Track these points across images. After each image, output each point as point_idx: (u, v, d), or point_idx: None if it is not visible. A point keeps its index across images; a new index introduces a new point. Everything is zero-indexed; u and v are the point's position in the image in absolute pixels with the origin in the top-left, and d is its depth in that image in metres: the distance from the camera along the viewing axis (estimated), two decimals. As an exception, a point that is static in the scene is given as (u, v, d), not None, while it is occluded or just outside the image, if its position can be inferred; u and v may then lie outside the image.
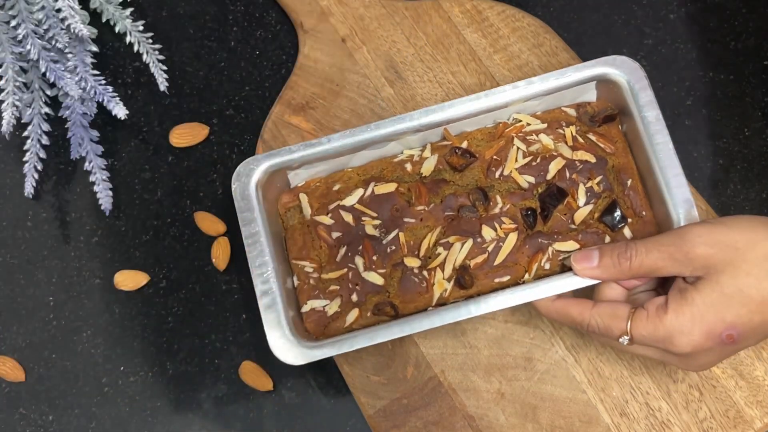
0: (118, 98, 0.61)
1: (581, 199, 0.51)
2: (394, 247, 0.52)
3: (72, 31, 0.59)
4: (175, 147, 0.63)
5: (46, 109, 0.62)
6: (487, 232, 0.51)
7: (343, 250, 0.52)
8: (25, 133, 0.61)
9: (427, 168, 0.53)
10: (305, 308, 0.52)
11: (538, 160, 0.52)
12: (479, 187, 0.52)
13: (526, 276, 0.50)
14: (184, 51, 0.65)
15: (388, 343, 0.55)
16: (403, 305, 0.51)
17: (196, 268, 0.61)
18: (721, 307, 0.43)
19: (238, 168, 0.53)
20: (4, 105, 0.59)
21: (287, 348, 0.50)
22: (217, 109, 0.64)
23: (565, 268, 0.50)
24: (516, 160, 0.52)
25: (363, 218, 0.52)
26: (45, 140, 0.61)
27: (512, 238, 0.51)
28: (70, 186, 0.63)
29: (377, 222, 0.52)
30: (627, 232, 0.51)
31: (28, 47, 0.59)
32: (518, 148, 0.52)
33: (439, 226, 0.52)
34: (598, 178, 0.51)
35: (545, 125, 0.53)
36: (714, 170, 0.59)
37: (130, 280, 0.61)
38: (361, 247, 0.52)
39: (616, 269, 0.46)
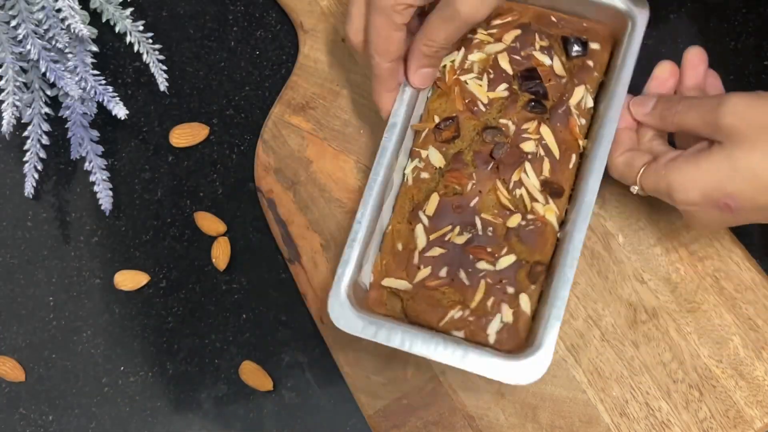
0: (118, 98, 0.61)
1: (545, 60, 0.53)
2: (491, 228, 0.50)
3: (72, 31, 0.59)
4: (175, 147, 0.63)
5: (46, 109, 0.62)
6: (527, 146, 0.51)
7: (462, 274, 0.49)
8: (25, 133, 0.61)
9: (437, 160, 0.52)
10: (492, 338, 0.49)
11: (492, 72, 0.52)
12: (483, 129, 0.52)
13: (581, 143, 0.51)
14: (184, 51, 0.65)
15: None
16: (543, 254, 0.50)
17: (196, 268, 0.61)
18: (725, 177, 0.44)
19: (331, 315, 0.49)
20: (4, 105, 0.59)
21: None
22: (217, 109, 0.64)
23: (597, 115, 0.52)
24: (480, 86, 0.52)
25: (445, 239, 0.50)
26: (45, 140, 0.61)
27: (545, 129, 0.51)
28: (70, 186, 0.63)
29: (457, 229, 0.50)
30: (594, 45, 0.53)
31: (28, 47, 0.59)
32: (471, 80, 0.53)
33: (496, 181, 0.51)
34: (536, 36, 0.53)
35: (462, 49, 0.53)
36: (714, 170, 0.59)
37: (130, 280, 0.61)
38: (471, 256, 0.50)
39: (662, 120, 0.49)
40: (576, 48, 0.53)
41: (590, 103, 0.52)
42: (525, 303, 0.49)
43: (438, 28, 0.48)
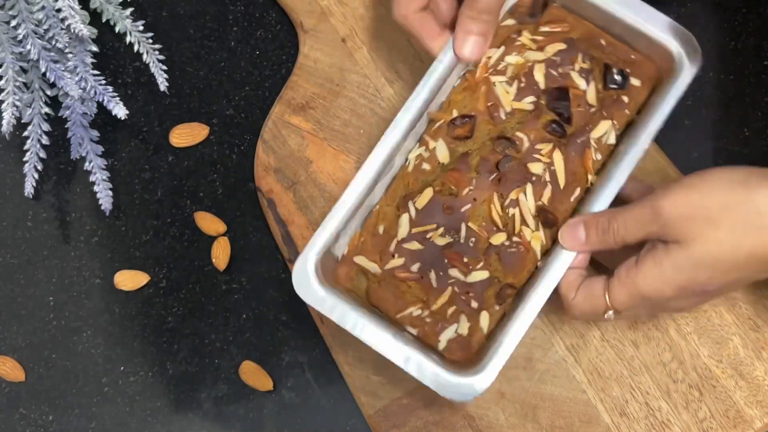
0: (118, 98, 0.61)
1: (580, 83, 0.51)
2: (473, 239, 0.49)
3: (72, 31, 0.59)
4: (175, 147, 0.63)
5: (46, 109, 0.62)
6: (535, 167, 0.49)
7: (432, 275, 0.49)
8: (25, 133, 0.61)
9: (442, 155, 0.51)
10: (442, 345, 0.49)
11: (524, 80, 0.51)
12: (497, 137, 0.50)
13: (590, 178, 0.50)
14: (184, 51, 0.65)
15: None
16: (517, 279, 0.49)
17: (196, 268, 0.61)
18: (692, 271, 0.44)
19: (293, 278, 0.49)
20: (4, 105, 0.59)
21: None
22: (217, 109, 0.64)
23: (616, 153, 0.50)
24: (507, 93, 0.51)
25: (427, 236, 0.50)
26: (45, 140, 0.61)
27: (557, 156, 0.50)
28: (70, 186, 0.63)
29: (441, 230, 0.50)
30: (635, 81, 0.51)
31: (28, 47, 0.59)
32: (500, 83, 0.51)
33: (493, 193, 0.50)
34: (579, 56, 0.51)
35: (503, 48, 0.51)
36: (714, 170, 0.59)
37: (130, 280, 0.61)
38: (446, 260, 0.49)
39: (603, 243, 0.47)
40: (616, 79, 0.51)
41: (612, 140, 0.50)
42: (484, 321, 0.49)
43: None
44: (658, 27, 0.50)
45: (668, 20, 0.50)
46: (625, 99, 0.51)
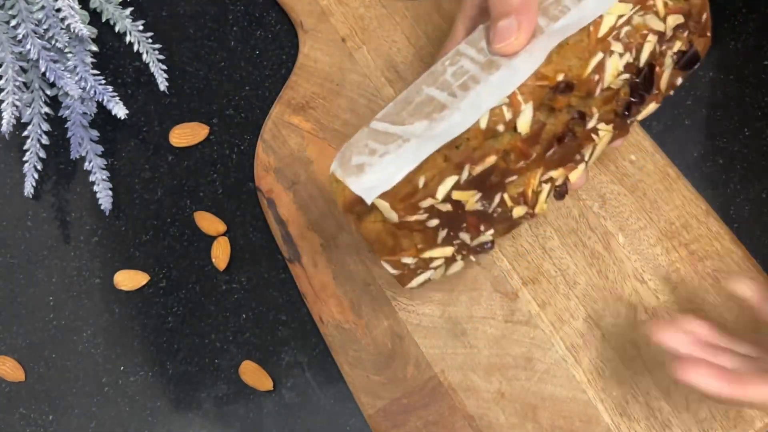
0: (117, 98, 0.61)
1: (668, 65, 0.45)
2: (500, 209, 0.45)
3: (72, 30, 0.59)
4: (175, 147, 0.63)
5: (46, 109, 0.62)
6: (587, 150, 0.45)
7: (443, 233, 0.44)
8: (25, 133, 0.61)
9: (524, 124, 0.42)
10: (413, 285, 0.46)
11: (634, 53, 0.43)
12: (578, 112, 0.44)
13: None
14: (184, 51, 0.65)
15: (387, 342, 0.55)
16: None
17: (196, 267, 0.61)
18: None
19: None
20: (3, 105, 0.59)
21: None
22: (217, 108, 0.64)
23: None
24: (617, 67, 0.43)
25: (462, 201, 0.43)
26: (45, 140, 0.61)
27: (606, 137, 0.45)
28: (70, 186, 0.63)
29: (478, 196, 0.43)
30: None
31: (28, 47, 0.59)
32: (617, 53, 0.42)
33: (540, 168, 0.45)
34: (685, 35, 0.44)
35: (636, 6, 0.42)
36: (714, 170, 0.59)
37: (129, 279, 0.61)
38: (465, 224, 0.44)
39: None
40: (692, 66, 0.45)
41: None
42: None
43: None
44: None
45: None
46: (679, 79, 0.46)
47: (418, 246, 0.45)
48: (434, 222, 0.44)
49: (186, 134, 0.63)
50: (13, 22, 0.59)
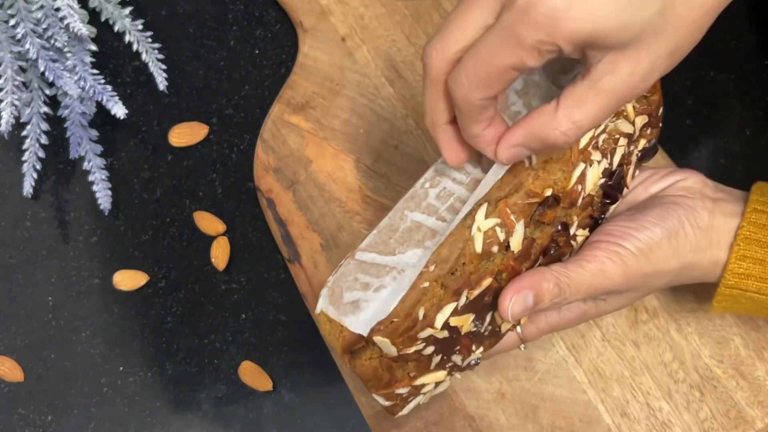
0: (117, 97, 0.61)
1: (633, 163, 0.47)
2: (491, 327, 0.44)
3: (71, 30, 0.59)
4: (175, 146, 0.63)
5: (45, 109, 0.62)
6: (565, 257, 0.45)
7: (437, 358, 0.43)
8: (24, 133, 0.61)
9: (516, 243, 0.42)
10: (404, 413, 0.45)
11: (608, 157, 0.44)
12: (561, 224, 0.44)
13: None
14: (184, 50, 0.65)
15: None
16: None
17: (195, 268, 0.61)
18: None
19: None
20: (2, 104, 0.59)
21: None
22: (216, 108, 0.64)
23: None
24: (596, 174, 0.44)
25: (458, 326, 0.43)
26: (44, 140, 0.61)
27: (581, 240, 0.46)
28: (69, 185, 0.63)
29: (473, 317, 0.43)
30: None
31: (27, 46, 0.59)
32: (596, 162, 0.43)
33: None
34: (649, 132, 0.46)
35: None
36: (714, 170, 0.59)
37: (129, 280, 0.61)
38: (458, 347, 0.43)
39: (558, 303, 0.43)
40: (650, 156, 0.47)
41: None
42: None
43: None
44: None
45: None
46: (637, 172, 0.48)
47: (411, 374, 0.44)
48: (430, 350, 0.43)
49: (185, 134, 0.63)
50: (12, 22, 0.59)
